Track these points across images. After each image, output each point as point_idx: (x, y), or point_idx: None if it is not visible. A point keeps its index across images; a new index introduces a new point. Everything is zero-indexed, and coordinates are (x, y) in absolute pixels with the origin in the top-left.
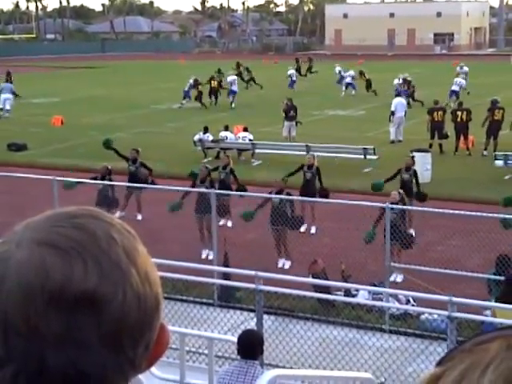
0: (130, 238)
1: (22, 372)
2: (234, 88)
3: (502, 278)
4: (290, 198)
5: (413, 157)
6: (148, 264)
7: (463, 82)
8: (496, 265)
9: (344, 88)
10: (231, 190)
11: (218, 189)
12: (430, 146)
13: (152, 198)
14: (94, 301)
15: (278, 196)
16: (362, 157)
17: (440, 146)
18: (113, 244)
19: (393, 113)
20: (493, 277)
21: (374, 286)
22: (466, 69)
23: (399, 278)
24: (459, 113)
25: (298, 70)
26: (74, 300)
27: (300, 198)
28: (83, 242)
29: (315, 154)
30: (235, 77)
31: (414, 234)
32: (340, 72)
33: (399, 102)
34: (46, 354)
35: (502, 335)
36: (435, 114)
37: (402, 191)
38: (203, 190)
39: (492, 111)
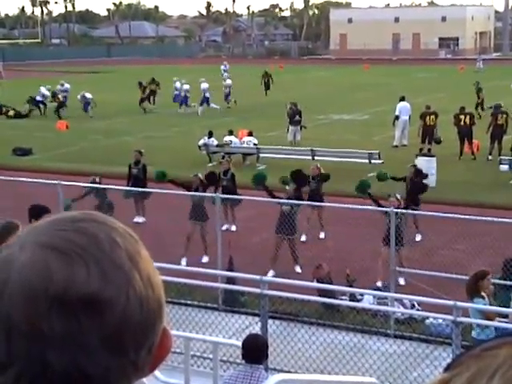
0: (133, 242)
1: (25, 373)
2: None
3: (509, 282)
4: (297, 202)
5: (415, 165)
6: (150, 268)
7: (207, 85)
8: (502, 269)
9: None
10: (235, 195)
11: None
12: (421, 150)
13: (154, 202)
14: (97, 304)
15: (285, 201)
16: (367, 161)
17: (429, 150)
18: (115, 247)
19: (397, 117)
20: (498, 281)
21: (379, 289)
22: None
23: (402, 281)
24: (462, 117)
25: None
26: (76, 303)
27: (306, 202)
28: (86, 246)
29: (320, 159)
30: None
31: (419, 239)
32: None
33: (404, 106)
34: (49, 356)
35: (511, 341)
36: (427, 118)
37: (399, 196)
38: (208, 194)
39: (495, 116)
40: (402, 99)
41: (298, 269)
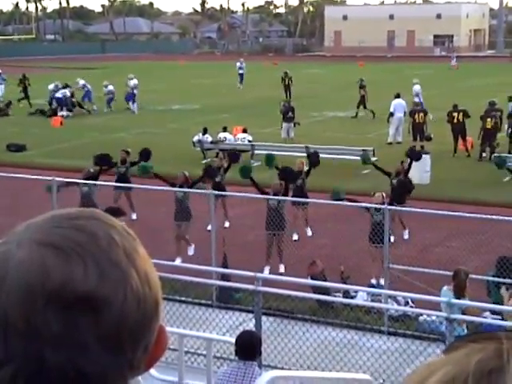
0: (131, 240)
1: (21, 372)
2: None
3: (502, 279)
4: (286, 198)
5: (402, 161)
6: (148, 265)
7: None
8: (496, 266)
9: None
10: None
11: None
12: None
13: (145, 198)
14: (94, 301)
15: (273, 197)
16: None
17: (421, 147)
18: (113, 245)
19: (392, 114)
20: (491, 278)
21: (373, 286)
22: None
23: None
24: (455, 114)
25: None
26: (73, 300)
27: (295, 199)
28: (83, 243)
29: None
30: None
31: (407, 237)
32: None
33: (398, 103)
34: (46, 354)
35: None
36: (416, 115)
37: (384, 194)
38: (200, 191)
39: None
40: (397, 96)
41: (281, 268)
